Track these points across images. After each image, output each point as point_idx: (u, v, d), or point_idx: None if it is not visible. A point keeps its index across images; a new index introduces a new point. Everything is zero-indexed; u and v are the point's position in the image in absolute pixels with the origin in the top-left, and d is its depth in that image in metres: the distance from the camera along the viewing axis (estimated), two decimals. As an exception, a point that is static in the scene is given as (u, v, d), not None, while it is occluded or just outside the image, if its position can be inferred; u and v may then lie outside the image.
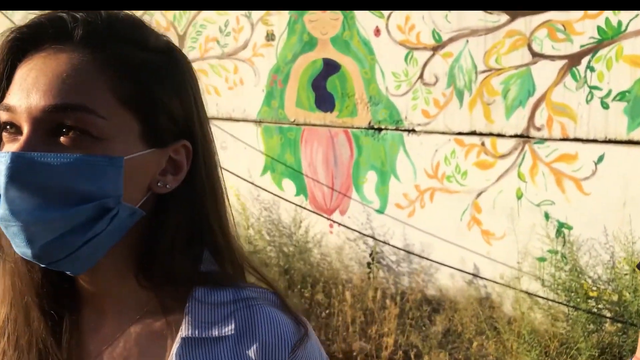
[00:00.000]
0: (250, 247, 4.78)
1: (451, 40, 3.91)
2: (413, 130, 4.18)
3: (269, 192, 4.76)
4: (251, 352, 0.74)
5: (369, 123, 4.35)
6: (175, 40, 5.31)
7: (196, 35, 5.10)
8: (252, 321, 0.76)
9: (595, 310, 3.60)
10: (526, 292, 3.65)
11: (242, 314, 0.76)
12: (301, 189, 4.81)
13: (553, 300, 3.56)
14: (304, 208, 4.61)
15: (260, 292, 0.81)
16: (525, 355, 3.18)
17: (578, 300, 3.54)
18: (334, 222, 4.60)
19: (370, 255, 4.29)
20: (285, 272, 4.59)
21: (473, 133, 3.94)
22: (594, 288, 3.64)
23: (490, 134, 3.88)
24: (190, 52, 5.17)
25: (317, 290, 4.30)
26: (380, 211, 4.43)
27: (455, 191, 4.06)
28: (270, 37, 4.68)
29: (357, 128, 4.41)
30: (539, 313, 3.78)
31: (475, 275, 4.01)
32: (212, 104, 5.12)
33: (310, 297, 4.26)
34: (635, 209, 3.41)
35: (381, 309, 3.96)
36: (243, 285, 0.81)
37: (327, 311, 4.17)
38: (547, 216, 3.73)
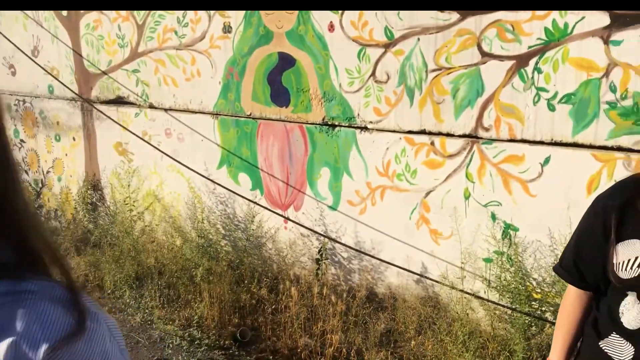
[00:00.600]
0: (204, 241, 4.74)
1: (403, 38, 3.88)
2: (365, 128, 4.15)
3: (222, 186, 4.71)
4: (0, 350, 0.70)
5: (323, 119, 4.31)
6: (134, 30, 5.28)
7: (154, 25, 5.02)
8: (12, 316, 0.72)
9: (538, 312, 3.60)
10: (468, 293, 3.65)
11: (7, 309, 0.72)
12: (257, 183, 4.77)
13: (493, 302, 3.56)
14: (256, 203, 4.57)
15: (44, 286, 0.76)
16: (459, 357, 3.17)
17: (521, 301, 3.54)
18: (287, 219, 4.57)
19: (319, 252, 4.26)
20: (236, 266, 4.55)
21: (423, 132, 3.92)
22: (538, 290, 3.64)
23: (440, 134, 3.85)
24: (149, 42, 5.10)
25: (265, 286, 4.27)
26: (333, 208, 4.40)
27: (405, 190, 4.04)
28: (227, 29, 4.62)
29: (311, 124, 4.38)
30: (483, 314, 3.78)
31: (421, 275, 4.00)
32: (169, 95, 5.06)
33: (257, 292, 4.22)
34: (577, 212, 3.40)
35: (327, 305, 3.94)
36: (27, 278, 0.76)
37: (274, 307, 4.14)
38: (493, 217, 3.72)
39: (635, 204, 1.54)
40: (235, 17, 4.57)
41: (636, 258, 1.52)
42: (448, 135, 3.82)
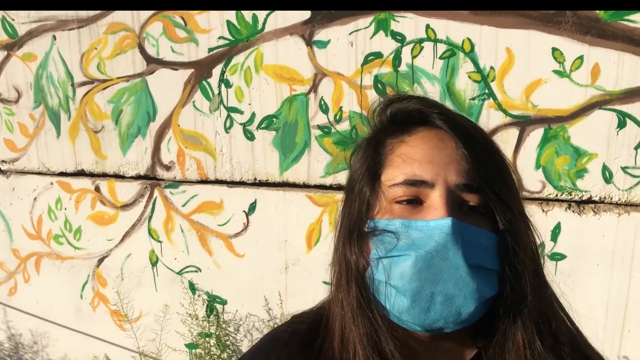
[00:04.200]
0: None
1: (31, 35, 2.54)
2: (0, 171, 2.76)
3: None
4: None
5: None
6: None
7: None
8: None
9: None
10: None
11: None
12: None
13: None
14: None
15: None
16: None
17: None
18: None
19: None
20: None
21: (82, 173, 2.67)
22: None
23: (105, 175, 2.64)
24: None
25: None
26: (-26, 286, 2.96)
27: (70, 257, 2.77)
28: None
29: None
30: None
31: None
32: None
33: None
34: (296, 273, 2.48)
35: None
36: None
37: None
38: (192, 288, 2.64)
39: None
40: None
41: None
42: (117, 176, 2.62)
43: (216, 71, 2.39)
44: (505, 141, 2.20)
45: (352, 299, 0.80)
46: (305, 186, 2.43)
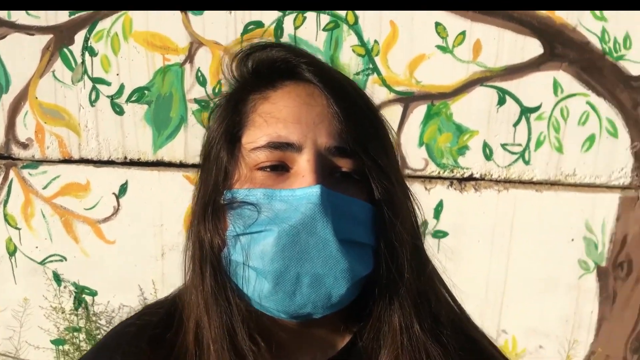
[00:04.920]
0: None
1: None
2: None
3: None
4: None
5: None
6: None
7: None
8: None
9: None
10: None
11: None
12: None
13: None
14: None
15: None
16: None
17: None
18: None
19: None
20: None
21: None
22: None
23: (-51, 155, 2.31)
24: None
25: None
26: None
27: None
28: None
29: None
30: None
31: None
32: None
33: None
34: (172, 259, 2.31)
35: None
36: None
37: None
38: (58, 279, 2.39)
39: None
40: None
41: None
42: (-36, 156, 2.31)
43: (79, 38, 2.14)
44: (389, 118, 2.15)
45: (206, 286, 0.67)
46: (182, 165, 2.25)
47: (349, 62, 2.09)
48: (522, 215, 2.21)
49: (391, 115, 2.15)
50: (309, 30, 2.08)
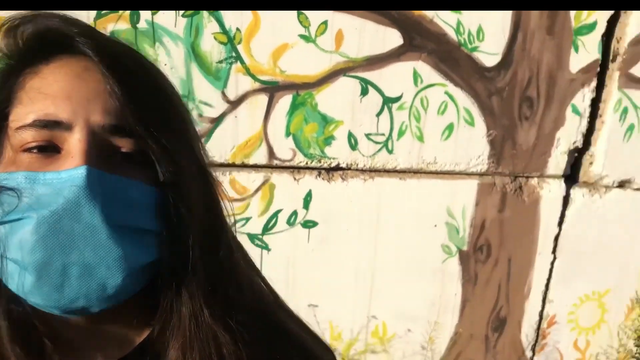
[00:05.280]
0: None
1: None
2: None
3: None
4: None
5: None
6: None
7: None
8: None
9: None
10: None
11: None
12: None
13: None
14: None
15: None
16: None
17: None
18: None
19: None
20: None
21: None
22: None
23: None
24: None
25: None
26: None
27: None
28: None
29: None
30: None
31: None
32: None
33: None
34: None
35: None
36: None
37: None
38: None
39: None
40: None
41: None
42: None
43: None
44: (255, 107, 2.12)
45: None
46: None
47: (211, 49, 2.03)
48: (387, 203, 2.25)
49: (257, 105, 2.12)
50: (168, 16, 2.00)
